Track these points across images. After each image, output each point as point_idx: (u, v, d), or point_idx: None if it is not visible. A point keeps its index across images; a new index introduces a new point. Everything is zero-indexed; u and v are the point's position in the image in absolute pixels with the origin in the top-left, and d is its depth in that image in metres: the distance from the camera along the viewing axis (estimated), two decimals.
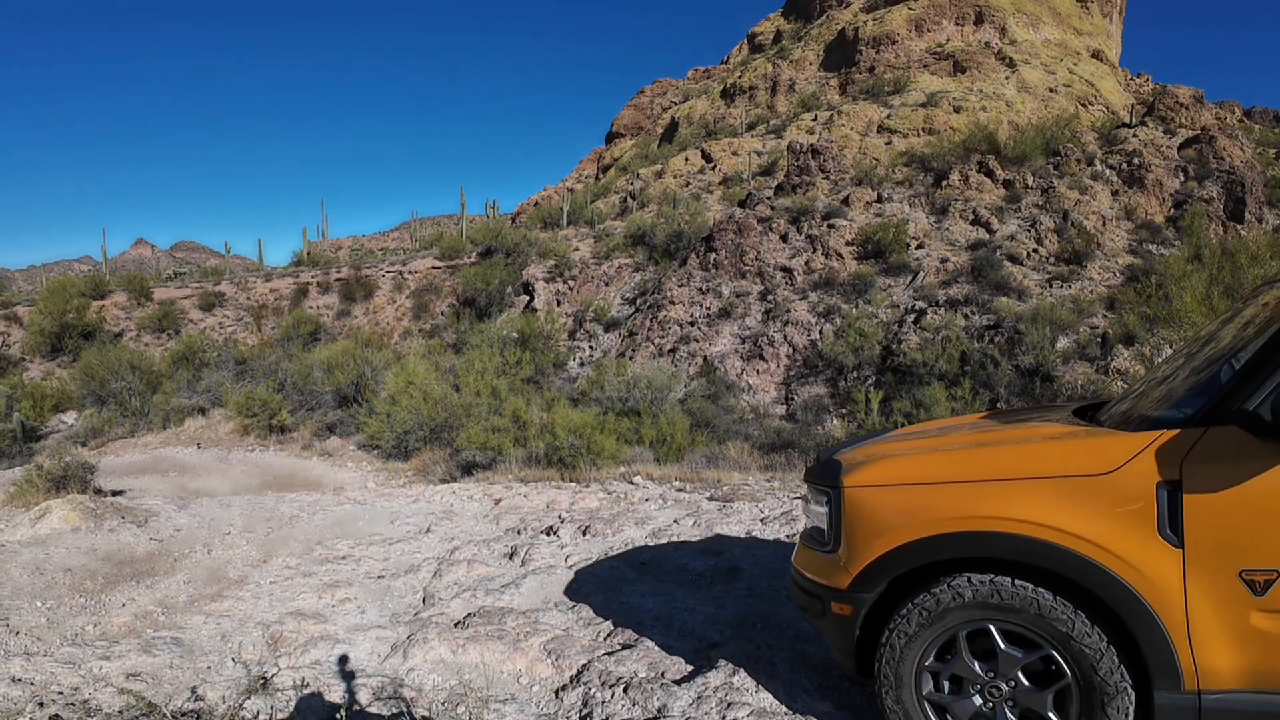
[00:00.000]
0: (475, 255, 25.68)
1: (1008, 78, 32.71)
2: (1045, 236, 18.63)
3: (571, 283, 22.69)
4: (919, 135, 29.13)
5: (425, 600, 4.71)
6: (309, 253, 32.48)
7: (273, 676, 3.45)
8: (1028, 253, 18.20)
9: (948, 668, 2.49)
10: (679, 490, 8.05)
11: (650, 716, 3.01)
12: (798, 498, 7.02)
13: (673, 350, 17.57)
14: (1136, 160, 21.62)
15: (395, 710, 3.14)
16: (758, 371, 16.61)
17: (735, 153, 31.92)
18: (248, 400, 14.70)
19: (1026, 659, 2.37)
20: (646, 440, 11.48)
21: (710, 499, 7.31)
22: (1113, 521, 2.23)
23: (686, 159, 33.43)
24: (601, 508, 7.19)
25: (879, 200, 21.25)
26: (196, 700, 3.26)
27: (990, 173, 21.60)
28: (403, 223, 78.55)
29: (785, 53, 42.00)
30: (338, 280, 26.12)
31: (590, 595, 4.55)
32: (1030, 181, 21.08)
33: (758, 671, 3.31)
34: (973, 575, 2.44)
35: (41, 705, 3.13)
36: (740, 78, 41.90)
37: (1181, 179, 21.01)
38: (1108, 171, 21.81)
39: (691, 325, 18.07)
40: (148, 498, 8.42)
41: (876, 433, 3.75)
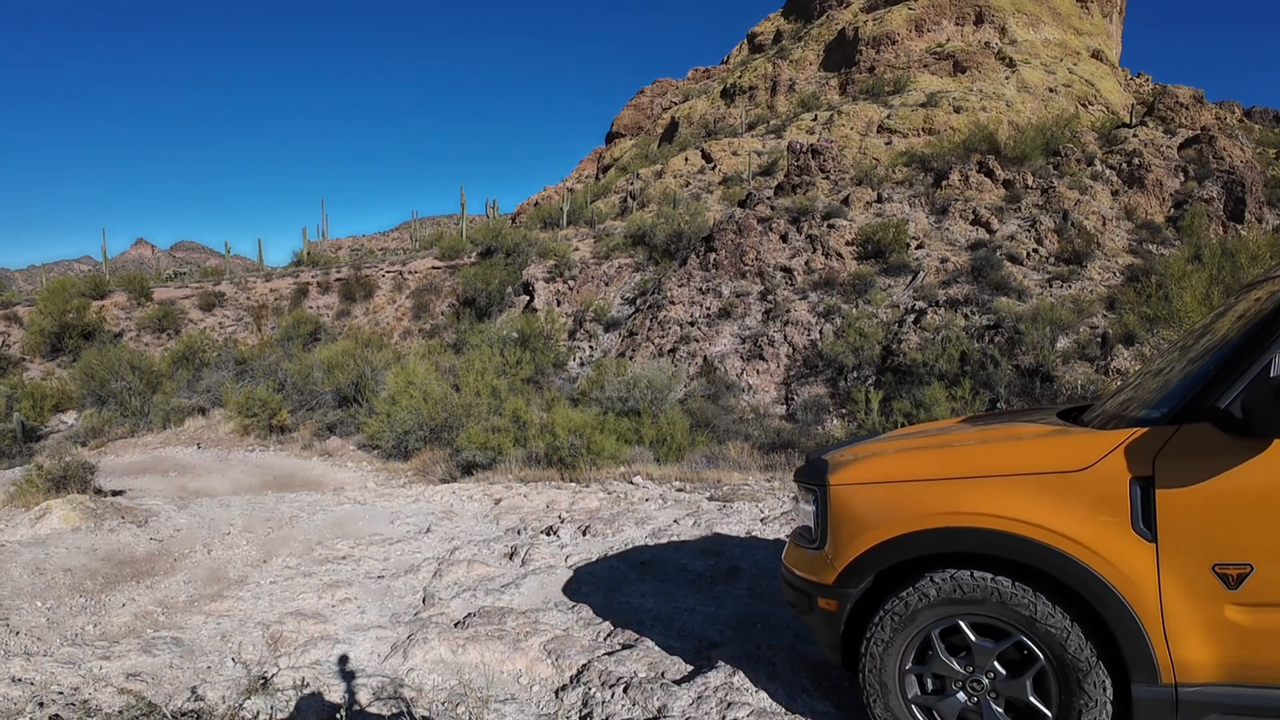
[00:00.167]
0: (475, 255, 25.68)
1: (1008, 78, 32.71)
2: (1045, 236, 18.63)
3: (571, 283, 22.69)
4: (919, 135, 29.13)
5: (425, 600, 4.71)
6: (309, 253, 32.47)
7: (273, 676, 3.45)
8: (1028, 253, 18.20)
9: (928, 668, 2.53)
10: (679, 490, 8.05)
11: (650, 716, 3.02)
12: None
13: (673, 350, 17.57)
14: (1136, 160, 21.61)
15: (395, 710, 3.14)
16: (758, 371, 16.61)
17: (735, 153, 31.91)
18: (248, 400, 14.70)
19: (999, 648, 2.42)
20: (646, 440, 11.47)
21: (710, 499, 7.31)
22: (1087, 517, 2.27)
23: (686, 159, 33.42)
24: (601, 508, 7.19)
25: (879, 200, 21.25)
26: (196, 700, 3.26)
27: (990, 173, 21.60)
28: (403, 223, 78.67)
29: (785, 53, 42.00)
30: (338, 280, 26.12)
31: (590, 595, 4.55)
32: (1030, 181, 21.07)
33: (758, 671, 3.31)
34: (935, 574, 2.48)
35: (41, 705, 3.13)
36: (740, 78, 41.91)
37: (1181, 179, 21.01)
38: (1108, 171, 21.80)
39: (691, 325, 18.07)
40: (148, 498, 8.42)
41: (868, 435, 3.79)
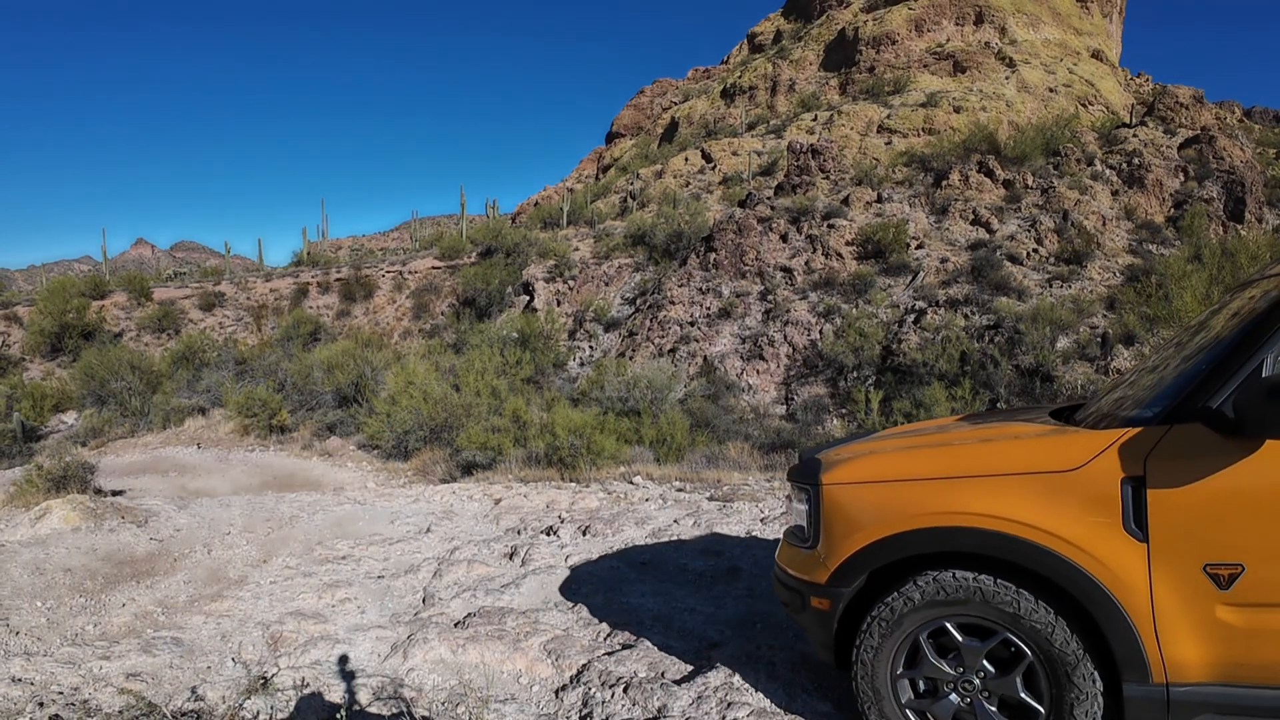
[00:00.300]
0: (475, 255, 25.67)
1: (1008, 78, 32.70)
2: (1045, 236, 18.62)
3: (571, 283, 22.69)
4: (919, 135, 29.13)
5: (425, 600, 4.71)
6: (309, 253, 32.46)
7: (273, 676, 3.45)
8: (1028, 253, 18.20)
9: (920, 672, 2.52)
10: (679, 490, 8.05)
11: (650, 716, 3.01)
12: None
13: (673, 350, 17.56)
14: (1136, 160, 21.61)
15: (395, 710, 3.14)
16: (758, 371, 16.61)
17: (735, 153, 31.91)
18: (248, 400, 14.69)
19: (987, 647, 2.41)
20: (646, 440, 11.47)
21: (710, 499, 7.31)
22: (1078, 517, 2.26)
23: (686, 159, 33.42)
24: (601, 508, 7.19)
25: (879, 200, 21.24)
26: (196, 700, 3.26)
27: (990, 173, 21.59)
28: (403, 223, 78.68)
29: (785, 53, 42.00)
30: (338, 280, 26.12)
31: (590, 595, 4.55)
32: (1030, 181, 21.07)
33: (757, 671, 3.31)
34: (918, 577, 2.47)
35: (41, 705, 3.13)
36: (740, 78, 41.91)
37: (1181, 179, 21.00)
38: (1108, 171, 21.80)
39: (691, 325, 18.07)
40: (148, 498, 8.42)
41: (863, 434, 3.78)
